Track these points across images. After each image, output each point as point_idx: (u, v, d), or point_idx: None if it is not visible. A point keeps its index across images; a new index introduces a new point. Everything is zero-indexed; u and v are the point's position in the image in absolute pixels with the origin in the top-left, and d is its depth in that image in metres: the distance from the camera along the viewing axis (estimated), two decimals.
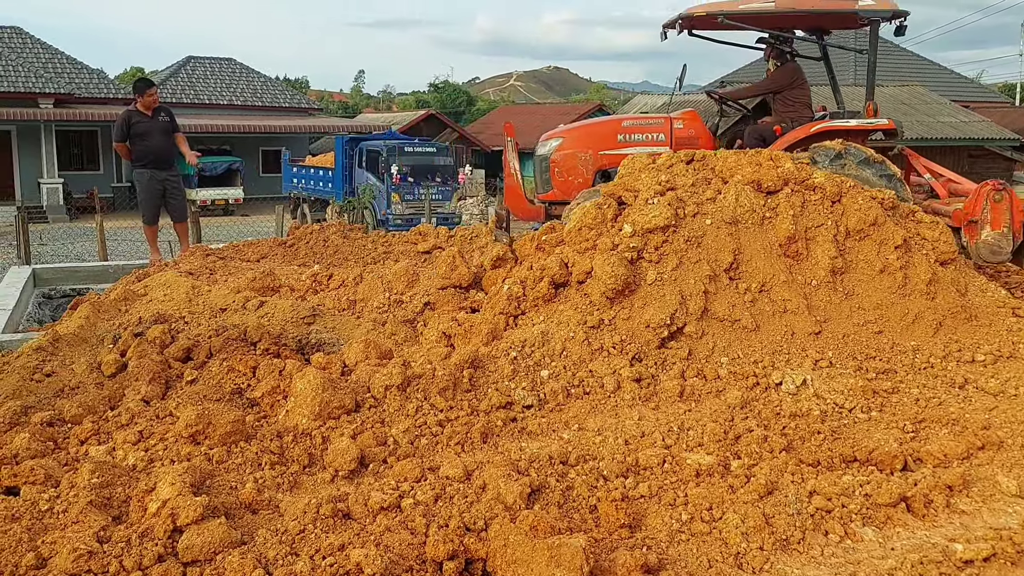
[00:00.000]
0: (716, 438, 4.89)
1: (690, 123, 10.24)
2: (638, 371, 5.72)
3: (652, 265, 6.29)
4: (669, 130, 10.14)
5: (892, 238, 6.54)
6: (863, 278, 6.53)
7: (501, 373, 5.81)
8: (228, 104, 44.15)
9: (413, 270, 8.30)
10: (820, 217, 6.63)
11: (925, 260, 6.59)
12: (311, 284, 8.71)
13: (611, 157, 10.02)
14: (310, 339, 7.15)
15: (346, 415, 5.29)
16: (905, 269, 6.50)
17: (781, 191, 6.75)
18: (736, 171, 6.85)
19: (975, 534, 3.99)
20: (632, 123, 10.44)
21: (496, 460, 4.63)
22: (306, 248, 11.46)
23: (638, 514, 4.25)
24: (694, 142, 10.01)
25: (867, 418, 5.40)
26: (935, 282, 6.53)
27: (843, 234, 6.58)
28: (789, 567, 3.78)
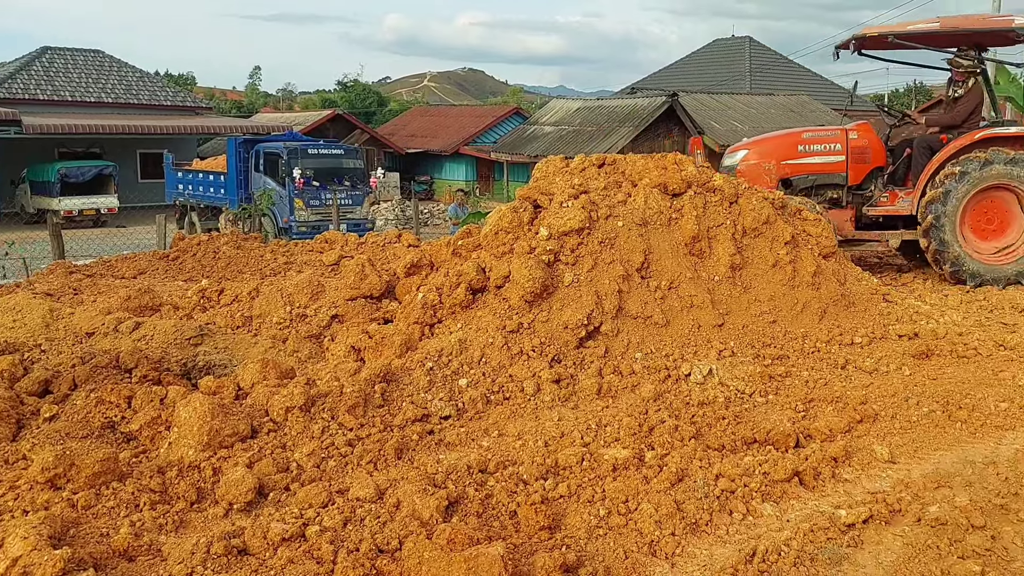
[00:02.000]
0: (631, 432, 5.11)
1: (864, 134, 10.65)
2: (557, 372, 5.82)
3: (568, 267, 6.46)
4: (845, 141, 10.53)
5: (782, 235, 6.85)
6: (758, 272, 6.89)
7: (416, 385, 5.61)
8: (97, 102, 36.97)
9: (318, 281, 7.69)
10: (720, 217, 6.99)
11: (810, 254, 6.92)
12: (199, 301, 7.86)
13: (793, 167, 10.47)
14: (197, 362, 6.40)
15: (240, 443, 4.80)
16: (794, 263, 6.83)
17: (685, 193, 7.10)
18: (644, 175, 7.05)
19: (856, 499, 4.41)
20: (812, 135, 10.85)
21: (411, 476, 4.54)
22: (193, 261, 10.31)
23: (558, 514, 4.33)
24: (866, 152, 10.51)
25: (765, 401, 5.84)
26: (819, 274, 6.86)
27: (740, 232, 6.90)
28: (698, 548, 4.09)
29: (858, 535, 4.02)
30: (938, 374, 6.03)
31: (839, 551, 3.87)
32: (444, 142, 39.13)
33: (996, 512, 4.16)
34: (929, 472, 4.61)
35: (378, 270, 7.38)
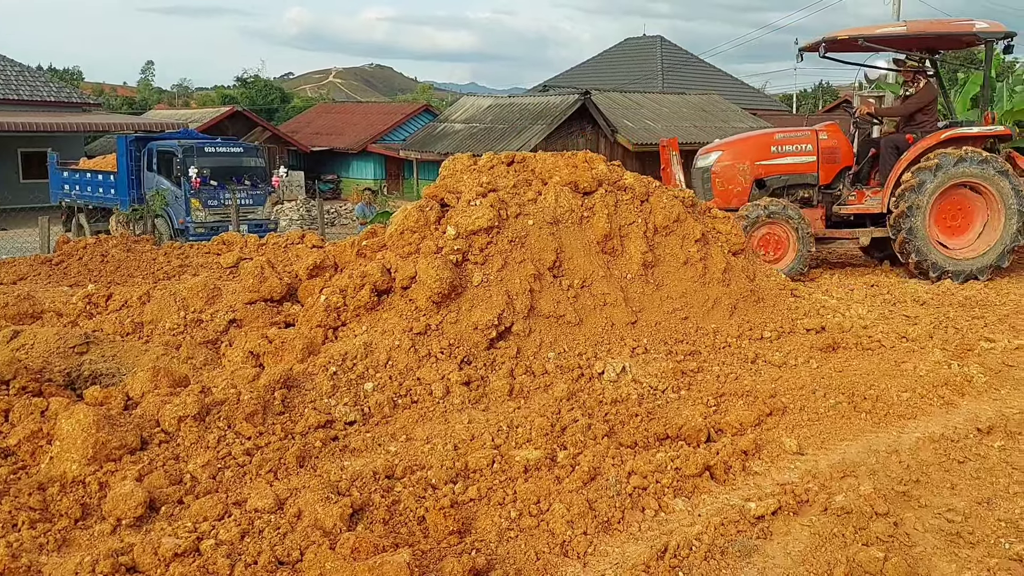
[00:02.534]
0: (544, 432, 5.16)
1: (833, 135, 11.00)
2: (467, 374, 5.82)
3: (478, 267, 6.46)
4: (816, 141, 10.86)
5: (693, 232, 6.98)
6: (670, 270, 7.03)
7: (319, 390, 5.53)
8: None
9: (214, 284, 7.46)
10: (632, 215, 7.06)
11: (720, 251, 7.10)
12: (85, 307, 7.56)
13: (766, 167, 10.75)
14: (83, 371, 6.13)
15: (129, 455, 4.65)
16: (704, 260, 6.98)
17: (596, 191, 7.20)
18: (554, 173, 7.10)
19: (765, 491, 4.54)
20: (784, 135, 11.18)
21: (313, 484, 4.47)
22: (79, 265, 9.90)
23: (468, 518, 4.34)
24: (836, 152, 10.87)
25: (677, 397, 5.97)
26: (729, 270, 7.04)
27: (652, 230, 7.00)
28: (610, 547, 4.15)
29: (767, 527, 4.14)
30: (844, 366, 6.26)
31: (749, 543, 3.98)
32: (351, 140, 38.55)
33: (898, 499, 4.35)
34: (835, 462, 4.78)
35: (279, 272, 7.23)
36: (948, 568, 3.73)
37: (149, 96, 75.69)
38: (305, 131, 41.72)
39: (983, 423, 5.27)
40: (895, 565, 3.65)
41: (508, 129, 27.19)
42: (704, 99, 32.95)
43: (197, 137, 23.39)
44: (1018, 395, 5.87)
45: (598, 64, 47.04)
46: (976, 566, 3.69)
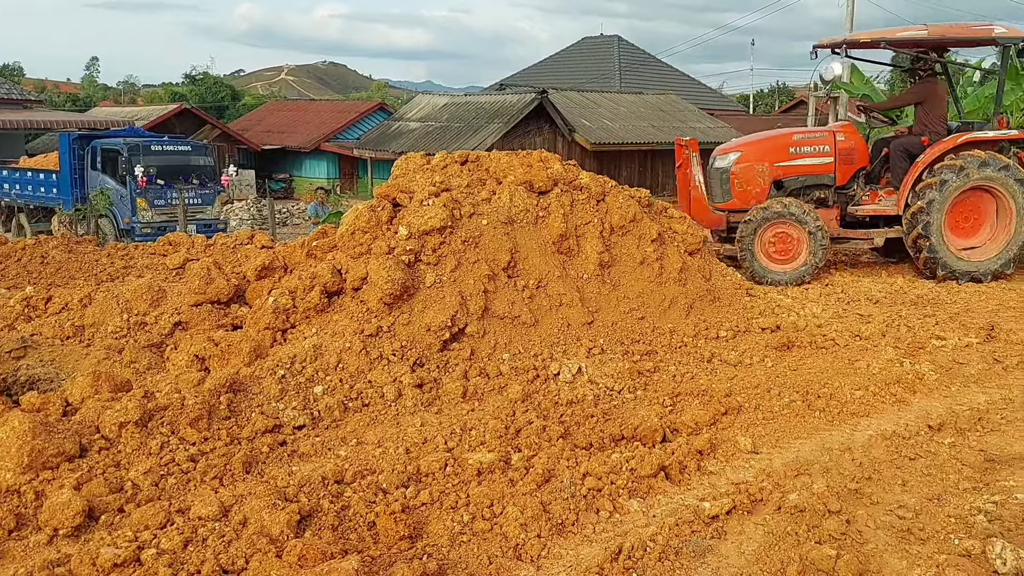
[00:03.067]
0: (498, 434, 5.18)
1: (850, 135, 11.08)
2: (420, 376, 5.82)
3: (430, 267, 6.46)
4: (833, 142, 10.89)
5: (649, 232, 7.03)
6: (627, 270, 7.08)
7: (267, 394, 5.48)
8: None
9: (159, 286, 7.35)
10: (588, 215, 7.10)
11: (676, 251, 7.15)
12: (22, 310, 7.41)
13: (785, 168, 10.76)
14: (19, 377, 5.99)
15: (67, 463, 4.56)
16: (661, 260, 7.05)
17: (552, 191, 7.23)
18: (509, 172, 7.13)
19: (720, 491, 4.60)
20: (802, 136, 11.21)
21: (260, 490, 4.42)
22: (18, 267, 9.68)
23: (419, 523, 4.34)
24: (853, 153, 10.93)
25: (633, 397, 6.03)
26: (685, 270, 7.10)
27: (608, 230, 7.06)
28: (564, 549, 4.17)
29: (722, 526, 4.20)
30: (799, 365, 6.37)
31: (703, 543, 4.03)
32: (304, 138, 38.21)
33: (851, 496, 4.43)
34: (789, 460, 4.87)
35: (226, 273, 7.13)
36: (899, 565, 3.80)
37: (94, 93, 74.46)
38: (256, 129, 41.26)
39: (934, 420, 5.42)
40: (847, 562, 3.72)
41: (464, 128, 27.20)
42: (662, 99, 33.23)
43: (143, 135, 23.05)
44: (968, 392, 6.03)
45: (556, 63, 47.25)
46: (926, 562, 3.76)
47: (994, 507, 4.21)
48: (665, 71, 46.25)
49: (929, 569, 3.62)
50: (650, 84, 40.46)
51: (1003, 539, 3.86)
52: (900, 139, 10.99)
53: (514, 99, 27.54)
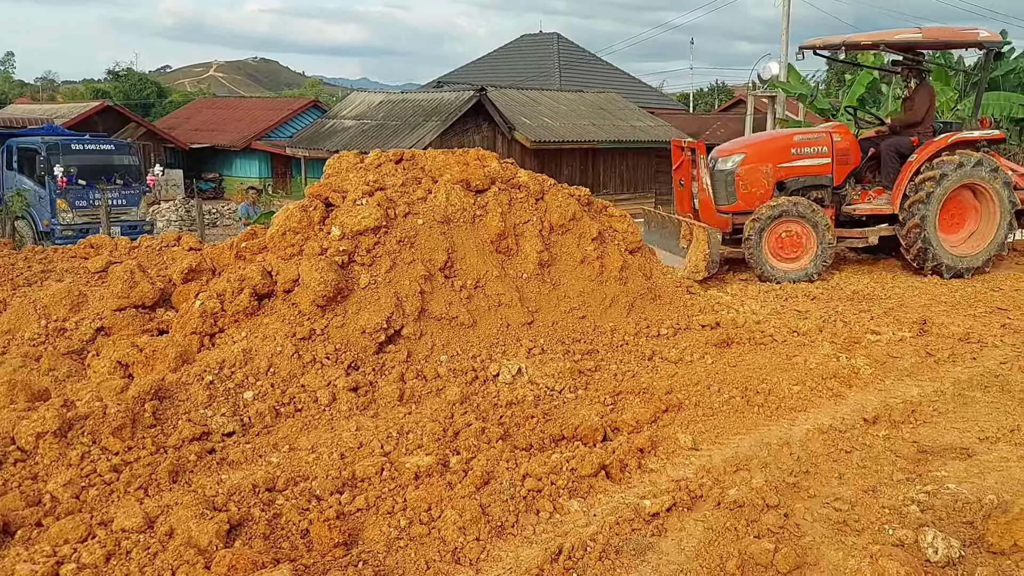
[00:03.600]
0: (436, 437, 5.16)
1: (845, 136, 11.35)
2: (355, 380, 5.77)
3: (365, 268, 6.41)
4: (831, 143, 11.11)
5: (589, 231, 7.08)
6: (567, 269, 7.09)
7: (195, 401, 5.40)
8: None
9: (80, 291, 7.17)
10: (527, 214, 7.13)
11: (617, 250, 7.20)
12: None
13: (787, 169, 10.91)
14: None
15: None
16: (601, 258, 7.09)
17: (489, 190, 7.24)
18: (445, 170, 7.12)
19: (660, 488, 4.65)
20: (802, 138, 11.37)
21: (187, 500, 4.34)
22: None
23: (355, 529, 4.30)
24: (848, 153, 11.20)
25: (574, 397, 6.06)
26: (626, 268, 7.16)
27: (547, 229, 7.08)
28: (504, 551, 4.18)
29: (662, 523, 4.25)
30: (738, 361, 6.48)
31: (643, 541, 4.07)
32: (234, 136, 37.72)
33: (789, 490, 4.52)
34: (729, 456, 4.95)
35: (151, 277, 6.96)
36: (835, 556, 3.89)
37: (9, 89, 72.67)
38: (184, 127, 40.64)
39: (869, 413, 5.58)
40: (784, 556, 3.81)
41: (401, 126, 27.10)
42: (602, 97, 33.47)
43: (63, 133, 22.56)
44: (902, 385, 6.22)
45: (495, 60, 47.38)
46: (860, 553, 3.85)
47: (926, 497, 4.33)
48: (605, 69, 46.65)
49: (863, 559, 3.70)
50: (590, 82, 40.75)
51: (935, 528, 3.99)
52: (891, 139, 11.37)
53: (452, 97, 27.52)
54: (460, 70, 47.63)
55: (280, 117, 38.90)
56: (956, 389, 6.14)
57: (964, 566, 3.79)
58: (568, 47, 46.64)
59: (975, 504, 4.20)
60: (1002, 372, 6.51)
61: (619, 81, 44.16)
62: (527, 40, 48.63)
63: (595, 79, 42.48)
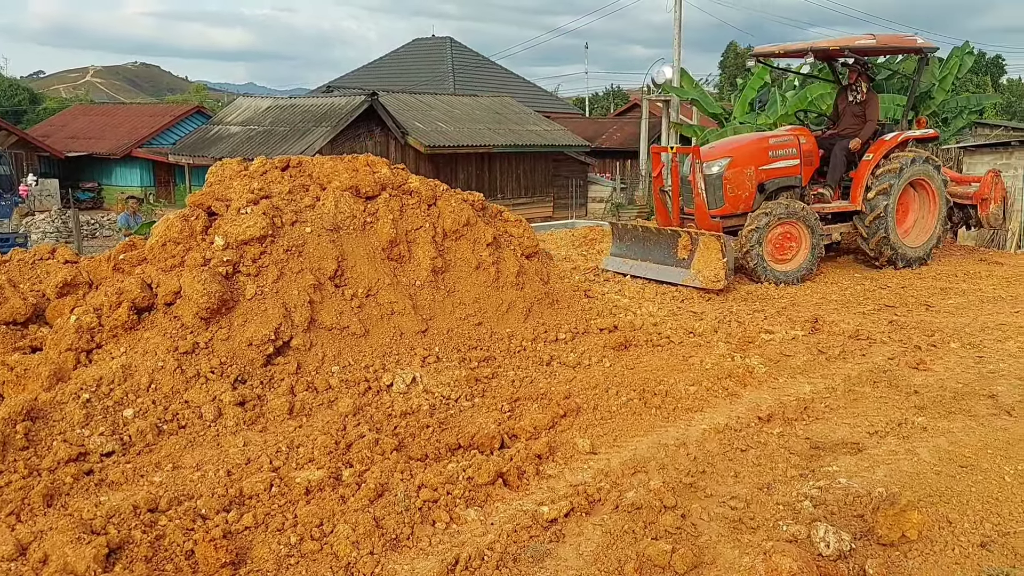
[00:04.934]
0: (327, 450, 5.10)
1: (808, 138, 11.67)
2: (242, 394, 5.66)
3: (251, 279, 6.30)
4: (798, 144, 11.38)
5: (484, 236, 7.11)
6: (462, 275, 7.11)
7: (70, 420, 5.21)
8: None
9: None
10: (419, 220, 7.08)
11: (513, 255, 7.27)
12: None
13: (767, 172, 11.12)
14: None
15: None
16: (497, 264, 7.12)
17: (380, 196, 7.19)
18: (334, 177, 7.06)
19: (559, 494, 4.68)
20: (776, 140, 11.56)
21: (62, 524, 4.19)
22: None
23: (243, 548, 4.22)
24: (812, 154, 11.58)
25: (471, 405, 6.08)
26: (523, 273, 7.20)
27: (441, 235, 7.05)
28: (399, 565, 4.15)
29: (560, 529, 4.28)
30: (635, 363, 6.60)
31: (541, 548, 4.10)
32: (114, 144, 36.84)
33: (686, 491, 4.61)
34: (627, 459, 5.02)
35: (23, 292, 6.68)
36: (731, 554, 3.97)
37: None
38: (59, 135, 39.40)
39: (763, 411, 5.74)
40: (682, 556, 3.87)
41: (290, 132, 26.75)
42: (497, 101, 33.66)
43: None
44: (795, 383, 6.41)
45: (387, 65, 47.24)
46: (755, 550, 3.94)
47: (819, 492, 4.47)
48: (500, 74, 46.97)
49: (758, 557, 3.78)
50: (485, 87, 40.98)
51: (827, 523, 4.11)
52: (842, 141, 11.88)
53: (343, 102, 27.27)
54: (351, 74, 47.30)
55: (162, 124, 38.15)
56: (847, 385, 6.36)
57: (855, 559, 3.92)
58: (462, 51, 46.79)
59: (865, 497, 4.35)
60: (890, 367, 6.78)
61: (514, 85, 44.50)
62: (420, 44, 48.60)
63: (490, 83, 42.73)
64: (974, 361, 6.99)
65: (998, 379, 6.49)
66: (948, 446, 5.15)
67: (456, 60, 44.91)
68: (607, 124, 43.14)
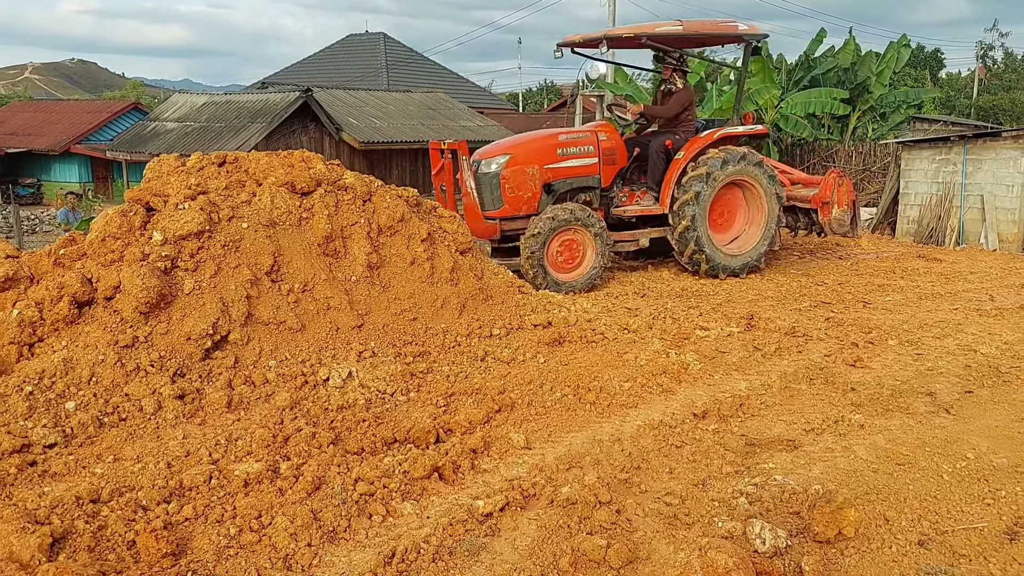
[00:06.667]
0: (265, 443, 5.07)
1: (611, 135, 10.87)
2: (181, 387, 5.61)
3: (189, 273, 6.22)
4: (596, 142, 10.60)
5: (419, 232, 7.05)
6: (397, 271, 7.03)
7: (14, 412, 5.21)
8: None
9: None
10: (354, 216, 7.01)
11: (447, 251, 7.21)
12: None
13: (555, 171, 10.32)
14: None
15: None
16: (432, 260, 7.06)
17: (315, 192, 7.10)
18: (270, 173, 6.98)
19: (494, 488, 4.66)
20: (567, 137, 10.81)
21: (7, 514, 4.17)
22: None
23: (183, 539, 4.19)
24: (615, 153, 10.73)
25: (407, 400, 6.02)
26: (457, 269, 7.17)
27: (376, 231, 6.98)
28: (336, 557, 4.11)
29: (495, 523, 4.27)
30: (570, 359, 6.58)
31: (477, 541, 4.08)
32: (52, 140, 36.28)
33: (621, 487, 4.62)
34: (562, 454, 5.01)
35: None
36: (666, 550, 3.97)
37: None
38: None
39: (698, 408, 5.73)
40: (617, 551, 3.87)
41: (225, 128, 26.33)
42: (430, 97, 33.48)
43: None
44: (730, 380, 6.42)
45: (321, 61, 46.68)
46: (690, 546, 3.94)
47: (754, 489, 4.49)
48: (433, 69, 46.68)
49: (693, 552, 3.77)
50: (418, 82, 40.71)
51: (762, 519, 4.11)
52: (658, 139, 11.22)
53: (278, 98, 26.92)
54: (285, 71, 46.65)
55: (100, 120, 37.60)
56: (783, 382, 6.37)
57: (791, 556, 3.91)
58: (395, 47, 46.40)
59: (801, 495, 4.37)
60: (827, 365, 6.80)
61: (448, 81, 44.28)
62: (353, 40, 48.09)
63: (423, 79, 42.46)
64: (912, 358, 7.00)
65: (936, 377, 6.51)
66: (885, 444, 5.17)
67: (390, 56, 44.53)
68: (541, 119, 43.09)
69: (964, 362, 6.93)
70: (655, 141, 11.18)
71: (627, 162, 11.14)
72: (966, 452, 5.03)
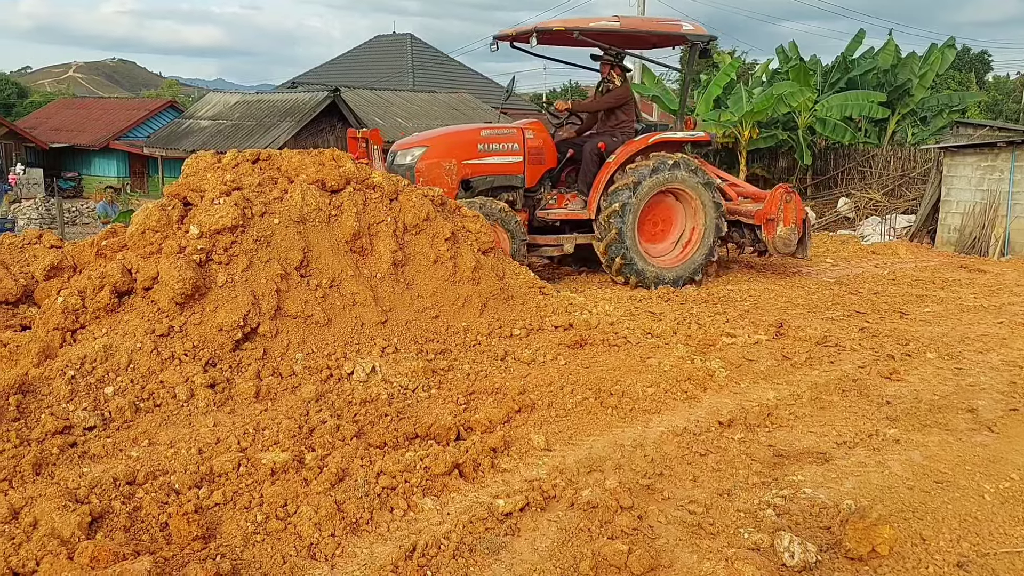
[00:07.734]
0: (291, 434, 5.07)
1: (539, 133, 10.38)
2: (212, 376, 5.65)
3: (222, 267, 6.25)
4: (522, 140, 10.15)
5: (442, 231, 7.04)
6: (420, 268, 7.04)
7: (57, 395, 5.28)
8: None
9: None
10: (381, 214, 7.03)
11: (470, 250, 7.23)
12: None
13: (473, 167, 9.86)
14: None
15: None
16: (454, 259, 7.10)
17: (344, 190, 7.10)
18: (301, 170, 7.00)
19: (514, 488, 4.61)
20: (490, 133, 10.27)
21: (50, 492, 4.26)
22: None
23: (213, 523, 4.21)
24: (542, 152, 10.24)
25: (427, 396, 5.96)
26: (479, 269, 7.18)
27: (401, 229, 6.98)
28: (359, 548, 4.08)
29: (515, 523, 4.21)
30: (591, 362, 6.46)
31: (497, 540, 4.03)
32: (93, 136, 37.05)
33: (643, 492, 4.53)
34: (582, 457, 4.93)
35: (14, 273, 6.87)
36: (689, 559, 3.86)
37: None
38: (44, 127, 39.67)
39: (724, 416, 5.54)
40: (639, 557, 3.78)
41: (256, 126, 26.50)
42: (455, 98, 33.53)
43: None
44: (757, 388, 6.21)
45: (348, 61, 46.80)
46: (716, 556, 3.82)
47: (783, 501, 4.35)
48: (458, 70, 46.65)
49: (719, 563, 3.68)
50: (443, 83, 40.75)
51: (791, 532, 3.96)
52: (591, 140, 10.69)
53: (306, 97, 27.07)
54: (314, 71, 46.80)
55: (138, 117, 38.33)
56: (813, 393, 6.11)
57: (821, 571, 3.77)
58: (421, 48, 46.42)
59: (832, 509, 4.22)
60: (860, 376, 6.52)
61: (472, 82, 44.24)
62: (381, 41, 48.16)
63: (448, 80, 42.47)
64: (952, 373, 6.68)
65: (979, 393, 6.18)
66: (923, 460, 4.92)
67: (416, 57, 44.56)
68: None
69: (1009, 378, 6.59)
70: (589, 143, 10.65)
71: (556, 163, 10.59)
72: (1010, 472, 4.77)
